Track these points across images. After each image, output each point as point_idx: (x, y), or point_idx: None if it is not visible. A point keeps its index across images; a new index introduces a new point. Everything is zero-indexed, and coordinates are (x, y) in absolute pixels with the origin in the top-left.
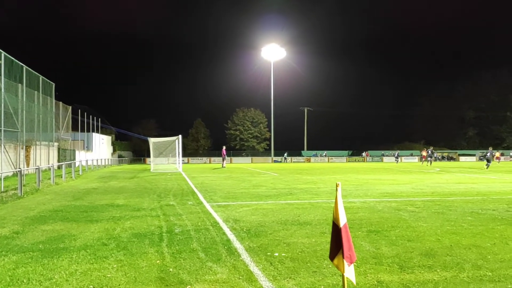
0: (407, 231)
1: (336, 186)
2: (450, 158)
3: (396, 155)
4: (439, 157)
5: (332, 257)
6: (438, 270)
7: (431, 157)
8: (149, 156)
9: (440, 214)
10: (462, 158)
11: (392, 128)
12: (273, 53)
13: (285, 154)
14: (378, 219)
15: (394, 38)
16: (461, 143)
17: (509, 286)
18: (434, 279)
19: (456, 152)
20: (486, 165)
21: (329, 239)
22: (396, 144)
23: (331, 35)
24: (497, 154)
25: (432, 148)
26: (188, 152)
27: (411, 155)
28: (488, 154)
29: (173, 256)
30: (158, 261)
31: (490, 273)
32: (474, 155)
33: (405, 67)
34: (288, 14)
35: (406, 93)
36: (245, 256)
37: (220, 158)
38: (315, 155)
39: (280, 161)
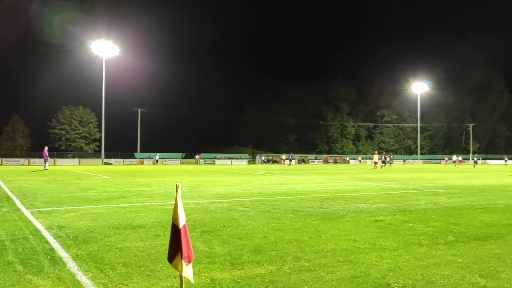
0: (238, 229)
1: (176, 187)
2: (274, 161)
3: (290, 157)
4: (268, 160)
5: (170, 258)
6: (265, 264)
7: (290, 160)
8: None
9: (266, 213)
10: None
11: (223, 132)
12: (105, 49)
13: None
14: (211, 220)
15: (228, 43)
16: (283, 148)
17: (323, 273)
18: (262, 273)
19: (279, 156)
20: (381, 165)
21: (163, 242)
22: (227, 147)
23: (168, 37)
24: (388, 158)
25: (292, 153)
26: (2, 152)
27: (240, 157)
28: (383, 157)
29: None
30: None
31: (307, 264)
32: (294, 159)
33: (235, 73)
34: (122, 10)
35: (236, 99)
36: (71, 265)
37: (42, 160)
38: (149, 157)
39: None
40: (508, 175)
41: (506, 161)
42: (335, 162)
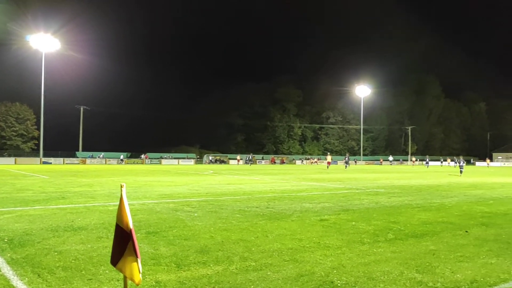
0: (184, 230)
1: (121, 187)
2: (221, 161)
3: (250, 157)
4: (215, 160)
5: (114, 261)
6: (211, 265)
7: (251, 161)
8: None
9: (213, 213)
10: (231, 162)
11: (170, 132)
12: (44, 43)
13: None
14: (157, 220)
15: (176, 42)
16: (230, 148)
17: (269, 273)
18: (208, 274)
19: (227, 156)
20: (345, 166)
21: (106, 244)
22: (174, 147)
23: (115, 33)
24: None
25: (252, 154)
26: None
27: (187, 157)
28: (347, 159)
29: None
30: None
31: (254, 263)
32: (241, 158)
33: (183, 73)
34: (63, 1)
35: (184, 99)
36: (6, 270)
37: None
38: (92, 157)
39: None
40: (448, 175)
41: (442, 163)
42: (282, 162)
